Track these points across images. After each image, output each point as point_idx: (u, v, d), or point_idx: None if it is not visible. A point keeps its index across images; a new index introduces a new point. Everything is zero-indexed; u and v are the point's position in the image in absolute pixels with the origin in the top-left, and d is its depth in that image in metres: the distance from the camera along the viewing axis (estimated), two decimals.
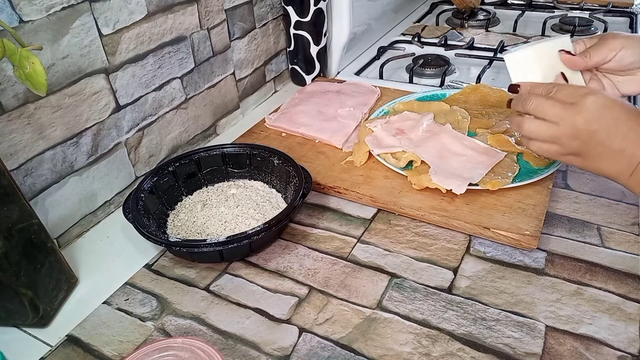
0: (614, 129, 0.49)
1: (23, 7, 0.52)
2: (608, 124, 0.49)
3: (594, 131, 0.50)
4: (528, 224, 0.58)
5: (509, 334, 0.48)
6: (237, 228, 0.61)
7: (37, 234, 0.51)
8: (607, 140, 0.50)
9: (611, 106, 0.50)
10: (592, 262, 0.56)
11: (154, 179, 0.64)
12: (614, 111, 0.49)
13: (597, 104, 0.50)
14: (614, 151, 0.50)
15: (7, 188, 0.48)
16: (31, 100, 0.55)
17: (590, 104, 0.50)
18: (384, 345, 0.48)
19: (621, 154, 0.49)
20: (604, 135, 0.50)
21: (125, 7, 0.63)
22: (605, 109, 0.50)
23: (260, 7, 0.88)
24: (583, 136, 0.51)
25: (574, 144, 0.52)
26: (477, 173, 0.64)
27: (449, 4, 1.38)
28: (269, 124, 0.84)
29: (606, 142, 0.50)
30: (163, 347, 0.39)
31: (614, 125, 0.49)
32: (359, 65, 1.05)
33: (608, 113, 0.49)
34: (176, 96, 0.75)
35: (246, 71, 0.89)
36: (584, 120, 0.50)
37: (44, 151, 0.58)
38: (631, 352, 0.46)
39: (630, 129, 0.49)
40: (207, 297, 0.55)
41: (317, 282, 0.56)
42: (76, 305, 0.55)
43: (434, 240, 0.60)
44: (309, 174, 0.65)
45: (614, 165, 0.50)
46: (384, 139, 0.72)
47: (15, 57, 0.45)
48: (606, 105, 0.50)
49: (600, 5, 1.28)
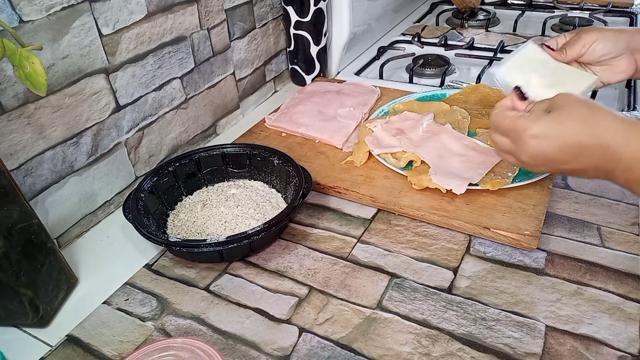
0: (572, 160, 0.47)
1: (23, 7, 0.52)
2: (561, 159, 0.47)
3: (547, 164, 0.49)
4: (528, 224, 0.58)
5: (509, 334, 0.48)
6: (237, 228, 0.61)
7: (37, 234, 0.51)
8: (566, 165, 0.48)
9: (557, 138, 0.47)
10: (592, 262, 0.56)
11: (154, 179, 0.64)
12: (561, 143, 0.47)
13: (539, 147, 0.48)
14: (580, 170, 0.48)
15: (7, 188, 0.48)
16: (31, 100, 0.55)
17: (532, 147, 0.48)
18: (384, 345, 0.48)
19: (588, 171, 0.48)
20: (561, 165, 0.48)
21: (125, 7, 0.63)
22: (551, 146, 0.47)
23: (260, 7, 0.88)
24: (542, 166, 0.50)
25: (541, 169, 0.52)
26: (477, 173, 0.64)
27: (449, 4, 1.38)
28: (269, 124, 0.84)
29: (565, 168, 0.48)
30: (163, 347, 0.39)
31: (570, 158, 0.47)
32: (359, 65, 1.05)
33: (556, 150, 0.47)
34: (176, 96, 0.75)
35: (246, 71, 0.89)
36: (530, 160, 0.50)
37: (44, 151, 0.58)
38: (631, 352, 0.46)
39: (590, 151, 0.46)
40: (207, 297, 0.55)
41: (317, 282, 0.56)
42: (76, 305, 0.55)
43: (434, 240, 0.60)
44: (309, 174, 0.65)
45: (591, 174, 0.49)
46: (384, 139, 0.72)
47: (15, 57, 0.45)
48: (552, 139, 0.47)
49: (600, 5, 1.28)
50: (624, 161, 0.43)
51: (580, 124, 0.45)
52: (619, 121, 0.44)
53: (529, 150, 0.48)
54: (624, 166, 0.43)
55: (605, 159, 0.45)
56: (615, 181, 0.46)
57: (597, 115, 0.45)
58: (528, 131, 0.48)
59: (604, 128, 0.44)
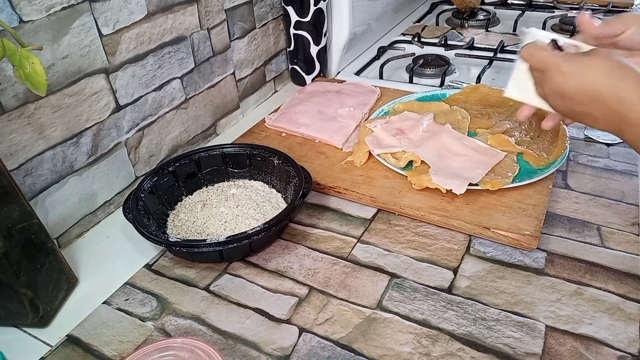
0: None
1: (23, 7, 0.52)
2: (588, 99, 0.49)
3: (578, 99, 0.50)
4: (528, 224, 0.58)
5: (509, 334, 0.48)
6: (237, 228, 0.61)
7: (37, 234, 0.51)
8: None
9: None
10: (592, 262, 0.56)
11: (154, 179, 0.64)
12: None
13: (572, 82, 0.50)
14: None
15: (7, 188, 0.48)
16: (31, 100, 0.55)
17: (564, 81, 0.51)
18: (384, 345, 0.48)
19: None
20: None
21: (125, 7, 0.63)
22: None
23: (260, 7, 0.88)
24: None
25: (558, 104, 0.53)
26: (477, 173, 0.64)
27: (449, 4, 1.38)
28: (269, 124, 0.84)
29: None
30: (163, 347, 0.39)
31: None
32: (359, 65, 1.05)
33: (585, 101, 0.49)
34: (176, 96, 0.75)
35: (246, 71, 0.89)
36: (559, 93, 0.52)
37: (44, 151, 0.58)
38: (631, 352, 0.46)
39: None
40: (207, 297, 0.55)
41: (317, 282, 0.56)
42: (76, 305, 0.55)
43: (434, 240, 0.60)
44: (309, 174, 0.65)
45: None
46: (384, 139, 0.72)
47: (15, 57, 0.45)
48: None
49: (600, 5, 1.28)
50: (634, 117, 0.46)
51: (604, 73, 0.48)
52: (639, 80, 0.46)
53: (552, 84, 0.51)
54: (633, 121, 0.46)
55: (617, 111, 0.47)
56: (623, 136, 0.49)
57: (622, 70, 0.47)
58: (557, 67, 0.50)
59: (624, 82, 0.47)
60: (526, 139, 0.71)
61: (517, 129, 0.73)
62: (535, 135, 0.72)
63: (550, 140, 0.71)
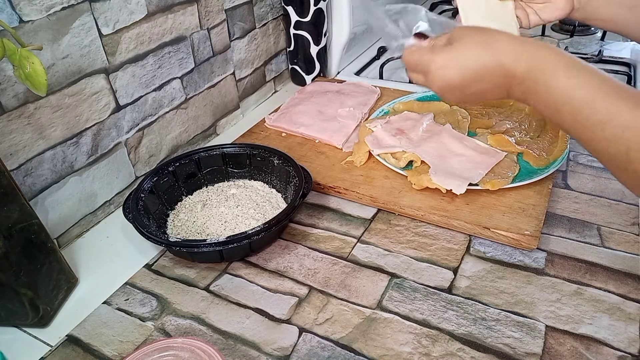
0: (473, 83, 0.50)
1: (23, 7, 0.52)
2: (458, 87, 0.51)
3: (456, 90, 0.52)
4: (528, 224, 0.58)
5: (509, 334, 0.48)
6: (237, 228, 0.61)
7: (37, 234, 0.51)
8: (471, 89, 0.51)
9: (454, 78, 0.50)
10: (592, 262, 0.56)
11: (154, 179, 0.64)
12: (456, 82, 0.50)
13: (443, 78, 0.51)
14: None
15: (7, 188, 0.48)
16: (31, 100, 0.55)
17: (437, 79, 0.51)
18: (384, 345, 0.48)
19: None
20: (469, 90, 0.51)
21: (125, 7, 0.63)
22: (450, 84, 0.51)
23: (260, 7, 0.88)
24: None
25: (452, 97, 0.54)
26: (477, 173, 0.64)
27: (449, 4, 1.38)
28: (269, 124, 0.84)
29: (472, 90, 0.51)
30: (163, 347, 0.39)
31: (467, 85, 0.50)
32: (359, 65, 1.05)
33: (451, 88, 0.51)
34: (176, 96, 0.75)
35: (246, 71, 0.89)
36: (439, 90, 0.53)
37: (44, 151, 0.58)
38: (631, 352, 0.46)
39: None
40: (207, 297, 0.55)
41: (317, 282, 0.56)
42: (76, 305, 0.55)
43: (434, 240, 0.60)
44: (309, 174, 0.65)
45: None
46: (384, 139, 0.72)
47: (15, 57, 0.45)
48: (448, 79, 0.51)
49: None
50: (518, 76, 0.47)
51: (479, 48, 0.49)
52: (511, 41, 0.48)
53: (436, 81, 0.51)
54: (518, 80, 0.47)
55: (503, 76, 0.48)
56: (513, 96, 0.50)
57: (493, 38, 0.49)
58: (432, 64, 0.51)
59: (500, 49, 0.48)
60: (526, 139, 0.71)
61: (517, 129, 0.73)
62: (535, 135, 0.72)
63: (550, 140, 0.71)
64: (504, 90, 0.50)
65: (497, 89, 0.50)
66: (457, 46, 0.50)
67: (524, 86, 0.47)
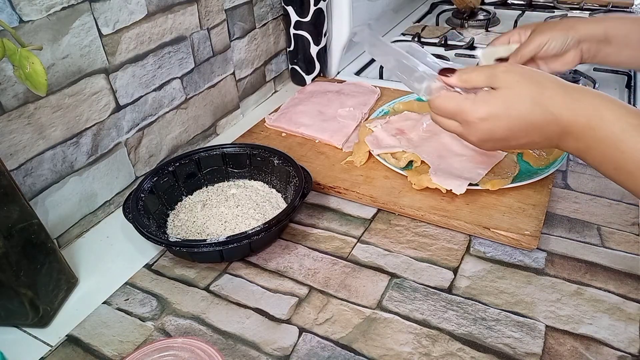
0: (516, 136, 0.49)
1: (23, 7, 0.52)
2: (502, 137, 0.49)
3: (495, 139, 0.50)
4: (528, 224, 0.58)
5: (509, 334, 0.48)
6: (237, 228, 0.61)
7: (37, 234, 0.51)
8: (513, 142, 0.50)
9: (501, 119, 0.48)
10: (592, 262, 0.56)
11: (154, 179, 0.64)
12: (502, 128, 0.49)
13: (487, 125, 0.49)
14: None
15: (7, 188, 0.48)
16: (31, 100, 0.55)
17: (482, 126, 0.49)
18: (384, 345, 0.48)
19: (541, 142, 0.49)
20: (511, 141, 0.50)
21: (125, 7, 0.63)
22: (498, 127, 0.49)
23: (260, 7, 0.88)
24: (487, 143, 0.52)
25: (490, 147, 0.52)
26: (477, 173, 0.64)
27: (449, 4, 1.38)
28: (269, 124, 0.84)
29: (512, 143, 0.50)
30: (163, 347, 0.39)
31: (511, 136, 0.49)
32: (359, 65, 1.05)
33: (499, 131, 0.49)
34: (176, 96, 0.75)
35: (246, 71, 0.89)
36: (478, 140, 0.51)
37: (44, 151, 0.58)
38: (631, 352, 0.46)
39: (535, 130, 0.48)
40: (207, 297, 0.55)
41: (317, 282, 0.56)
42: (76, 305, 0.55)
43: (434, 240, 0.60)
44: (309, 174, 0.65)
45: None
46: (384, 139, 0.72)
47: (15, 57, 0.45)
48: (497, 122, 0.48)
49: (600, 5, 1.28)
50: (574, 132, 0.45)
51: (530, 103, 0.47)
52: (566, 93, 0.46)
53: (478, 132, 0.49)
54: (575, 136, 0.46)
55: (557, 131, 0.47)
56: (564, 149, 0.49)
57: (545, 91, 0.46)
58: (475, 114, 0.48)
59: (554, 102, 0.46)
60: None
61: None
62: None
63: None
64: (554, 143, 0.48)
65: (547, 142, 0.48)
66: (504, 95, 0.47)
67: (582, 143, 0.45)
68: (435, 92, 0.52)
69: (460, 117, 0.50)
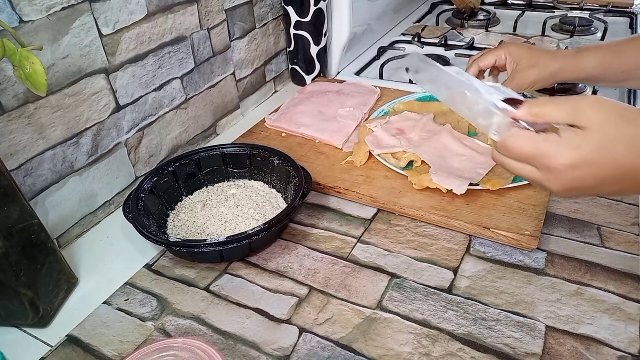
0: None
1: (23, 7, 0.52)
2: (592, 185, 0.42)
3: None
4: (528, 224, 0.58)
5: (509, 334, 0.48)
6: (237, 228, 0.61)
7: (37, 234, 0.51)
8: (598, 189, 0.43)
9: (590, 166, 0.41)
10: (592, 262, 0.56)
11: (154, 179, 0.64)
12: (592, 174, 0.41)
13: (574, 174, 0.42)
14: None
15: (7, 188, 0.48)
16: (31, 100, 0.55)
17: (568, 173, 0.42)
18: (384, 345, 0.48)
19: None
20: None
21: (125, 7, 0.63)
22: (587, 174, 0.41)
23: (260, 7, 0.88)
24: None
25: (574, 195, 0.45)
26: (477, 173, 0.64)
27: (449, 4, 1.38)
28: (269, 124, 0.84)
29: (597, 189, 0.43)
30: (163, 347, 0.39)
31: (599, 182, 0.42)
32: (359, 65, 1.05)
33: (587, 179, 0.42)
34: (176, 96, 0.75)
35: (246, 71, 0.89)
36: (563, 188, 0.43)
37: (44, 151, 0.58)
38: (631, 352, 0.46)
39: None
40: (207, 297, 0.55)
41: (317, 282, 0.56)
42: (76, 305, 0.55)
43: (434, 240, 0.60)
44: (309, 174, 0.65)
45: None
46: (384, 139, 0.72)
47: (15, 57, 0.45)
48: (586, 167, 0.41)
49: (600, 5, 1.28)
50: None
51: (626, 147, 0.40)
52: None
53: (562, 181, 0.42)
54: None
55: None
56: None
57: (637, 128, 0.40)
58: (561, 160, 0.41)
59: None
60: None
61: None
62: None
63: None
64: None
65: (638, 189, 0.42)
66: (597, 138, 0.40)
67: None
68: (505, 129, 0.44)
69: (539, 162, 0.42)
